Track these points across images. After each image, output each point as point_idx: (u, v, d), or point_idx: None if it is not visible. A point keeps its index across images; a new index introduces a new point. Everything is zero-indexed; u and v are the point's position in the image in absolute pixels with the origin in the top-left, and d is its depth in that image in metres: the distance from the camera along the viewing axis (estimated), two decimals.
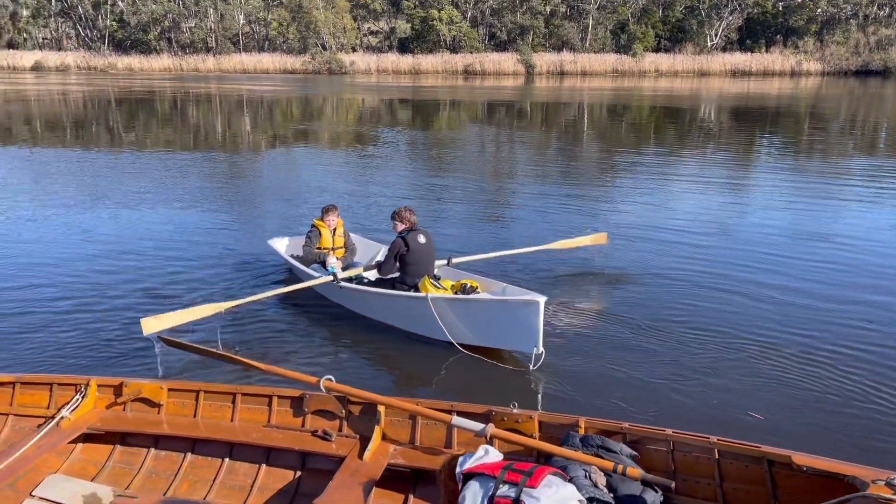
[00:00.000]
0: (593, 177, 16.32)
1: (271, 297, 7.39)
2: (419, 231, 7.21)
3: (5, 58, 76.36)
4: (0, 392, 4.75)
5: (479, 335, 6.38)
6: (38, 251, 9.85)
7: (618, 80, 64.08)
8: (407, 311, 6.82)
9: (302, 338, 6.99)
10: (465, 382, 6.05)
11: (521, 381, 6.01)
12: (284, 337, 6.96)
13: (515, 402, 4.15)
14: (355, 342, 6.90)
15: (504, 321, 6.15)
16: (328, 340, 6.97)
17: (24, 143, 21.67)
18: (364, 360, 6.59)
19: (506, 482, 3.04)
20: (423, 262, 7.11)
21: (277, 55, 75.70)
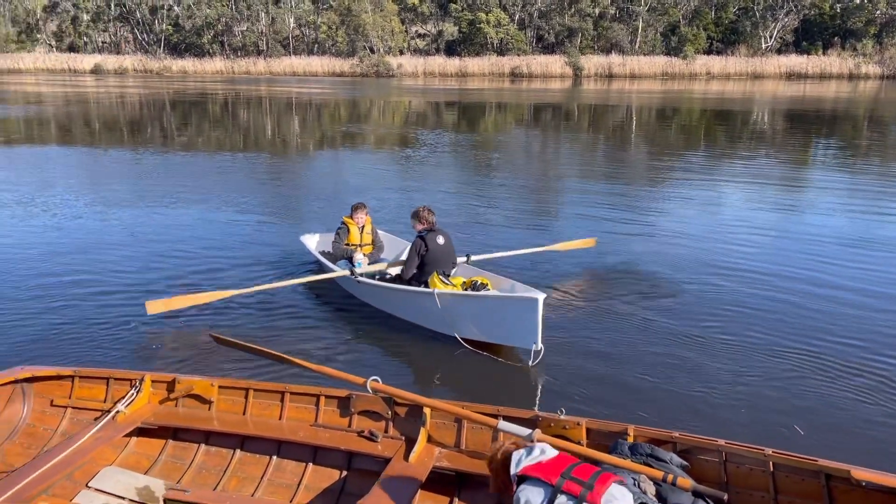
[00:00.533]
0: (639, 180, 16.08)
1: (284, 287, 7.66)
2: (438, 231, 7.39)
3: (66, 61, 79.10)
4: (60, 385, 4.90)
5: (480, 330, 6.57)
6: (93, 247, 10.14)
7: (667, 82, 63.08)
8: (416, 306, 7.05)
9: (311, 329, 7.18)
10: (467, 377, 6.21)
11: (521, 377, 6.13)
12: (300, 331, 7.12)
13: (563, 408, 4.11)
14: (364, 335, 7.08)
15: (504, 317, 6.31)
16: (338, 333, 7.13)
17: (83, 143, 22.39)
18: (371, 353, 6.72)
19: (563, 492, 2.92)
20: (441, 261, 7.29)
21: (326, 58, 76.70)
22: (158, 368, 5.97)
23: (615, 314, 7.50)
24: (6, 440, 4.65)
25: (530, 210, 12.97)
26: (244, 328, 7.13)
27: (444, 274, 7.14)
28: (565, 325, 7.22)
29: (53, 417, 4.83)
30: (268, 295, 7.86)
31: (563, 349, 6.60)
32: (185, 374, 4.94)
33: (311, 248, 8.97)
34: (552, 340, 6.63)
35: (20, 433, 4.75)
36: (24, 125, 27.76)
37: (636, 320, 7.33)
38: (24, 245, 10.27)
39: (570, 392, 5.74)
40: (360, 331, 7.18)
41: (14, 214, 12.24)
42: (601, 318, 7.42)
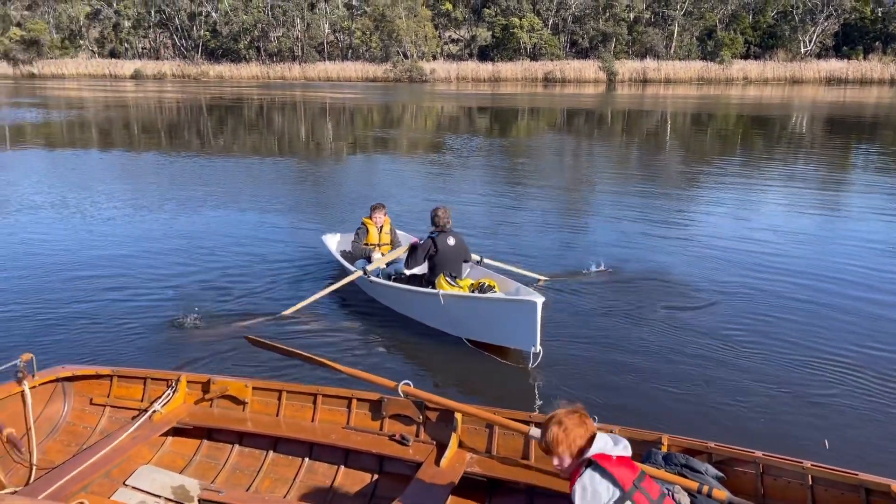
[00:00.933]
0: (672, 186, 15.89)
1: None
2: (449, 233, 7.51)
3: (108, 66, 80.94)
4: (99, 384, 5.00)
5: (482, 332, 6.71)
6: (131, 249, 10.34)
7: (703, 87, 62.31)
8: (423, 307, 7.25)
9: (327, 330, 7.35)
10: (468, 377, 6.36)
11: (520, 379, 6.23)
12: (320, 333, 7.24)
13: (595, 416, 4.06)
14: (371, 333, 7.31)
15: (504, 320, 6.43)
16: (345, 332, 7.32)
17: (122, 147, 22.87)
18: (378, 351, 6.92)
19: (633, 502, 2.75)
20: (451, 262, 7.42)
21: (360, 63, 77.31)
22: (194, 369, 6.05)
23: (641, 319, 7.42)
24: (47, 437, 4.75)
25: (559, 216, 12.90)
26: (271, 331, 7.21)
27: (450, 276, 7.26)
28: (586, 328, 7.17)
29: (93, 416, 4.93)
30: (292, 299, 7.95)
31: (585, 352, 6.62)
32: (220, 374, 5.00)
33: (331, 247, 9.17)
34: (573, 343, 6.65)
35: (61, 431, 4.85)
36: (66, 129, 28.45)
37: (662, 326, 7.24)
38: (65, 246, 10.52)
39: (586, 398, 5.69)
40: (368, 329, 7.41)
41: (55, 216, 12.55)
42: (626, 322, 7.35)
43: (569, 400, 2.99)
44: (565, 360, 6.50)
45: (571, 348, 6.77)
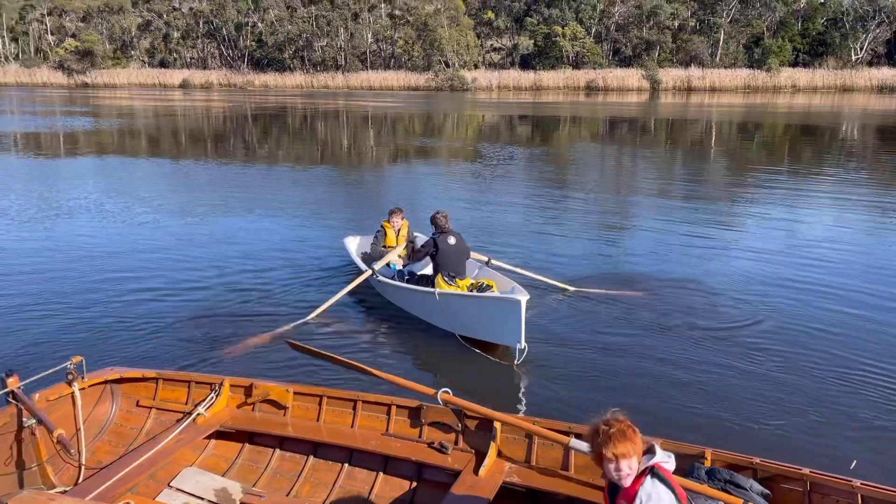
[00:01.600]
0: (715, 196, 15.60)
1: (338, 300, 8.16)
2: (449, 233, 7.91)
3: (157, 76, 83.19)
4: (145, 386, 5.11)
5: (473, 328, 7.03)
6: (177, 253, 10.57)
7: (750, 95, 61.21)
8: (423, 304, 7.66)
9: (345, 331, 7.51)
10: (456, 370, 6.67)
11: (506, 375, 6.49)
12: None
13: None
14: (370, 329, 7.73)
15: (491, 317, 6.73)
16: (360, 333, 7.57)
17: (169, 155, 23.42)
18: (375, 344, 7.27)
19: None
20: (452, 260, 7.80)
21: (402, 72, 77.98)
22: (236, 373, 6.14)
23: (671, 330, 7.30)
24: (95, 438, 4.87)
25: (598, 226, 12.77)
26: (302, 336, 7.29)
27: (449, 276, 7.66)
28: (609, 336, 7.07)
29: (139, 417, 5.04)
30: (320, 302, 8.11)
31: (599, 357, 6.66)
32: (262, 379, 5.06)
33: (350, 249, 9.55)
34: (585, 350, 6.74)
35: (108, 432, 4.97)
36: (117, 137, 29.28)
37: (695, 337, 7.10)
38: (112, 251, 10.79)
39: (553, 393, 5.83)
40: (373, 328, 7.75)
41: (103, 222, 12.89)
42: (655, 333, 7.24)
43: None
44: (576, 365, 6.62)
45: (585, 354, 6.85)
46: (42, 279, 9.27)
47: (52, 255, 10.50)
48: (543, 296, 8.51)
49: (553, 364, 6.62)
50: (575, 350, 6.94)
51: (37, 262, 10.09)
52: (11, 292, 8.71)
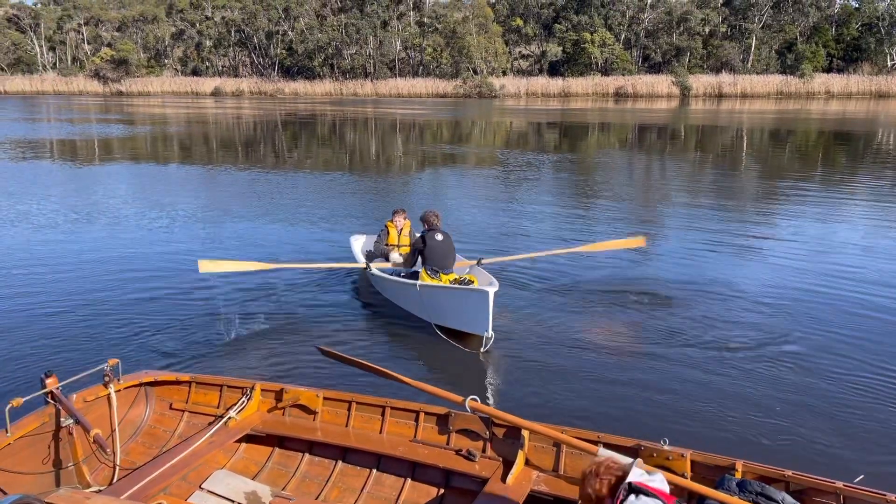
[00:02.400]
0: (745, 204, 15.41)
1: (311, 269, 9.40)
2: (437, 230, 8.39)
3: (190, 84, 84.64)
4: (178, 390, 5.20)
5: (446, 318, 7.53)
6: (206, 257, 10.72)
7: (782, 102, 60.39)
8: (405, 295, 8.23)
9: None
10: (429, 356, 7.16)
11: (474, 362, 6.92)
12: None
13: (667, 438, 3.98)
14: (353, 320, 8.15)
15: (462, 307, 7.22)
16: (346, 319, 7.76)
17: (200, 162, 23.79)
18: (356, 334, 7.70)
19: None
20: (439, 256, 8.25)
21: (430, 80, 78.33)
22: (267, 378, 6.21)
23: (692, 336, 7.22)
24: (130, 439, 4.97)
25: (622, 231, 12.69)
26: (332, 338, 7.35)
27: (432, 270, 8.14)
28: (622, 340, 7.02)
29: (172, 420, 5.13)
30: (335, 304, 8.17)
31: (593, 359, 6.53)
32: (292, 383, 5.12)
33: (355, 246, 10.12)
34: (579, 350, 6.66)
35: (142, 433, 5.06)
36: (150, 144, 29.82)
37: (709, 345, 7.02)
38: (146, 255, 10.99)
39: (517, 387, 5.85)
40: (356, 320, 8.14)
41: (136, 227, 13.12)
42: (673, 336, 7.16)
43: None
44: (550, 361, 6.84)
45: (566, 352, 7.04)
46: (80, 283, 9.47)
47: (92, 259, 10.72)
48: (535, 293, 8.91)
49: (521, 357, 6.93)
50: (557, 347, 7.19)
51: (76, 266, 10.32)
52: (53, 296, 8.92)
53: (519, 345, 7.25)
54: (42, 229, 12.92)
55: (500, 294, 7.37)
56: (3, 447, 4.26)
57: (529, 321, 7.92)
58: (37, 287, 9.31)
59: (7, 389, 6.05)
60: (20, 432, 4.38)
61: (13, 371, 6.60)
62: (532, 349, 7.13)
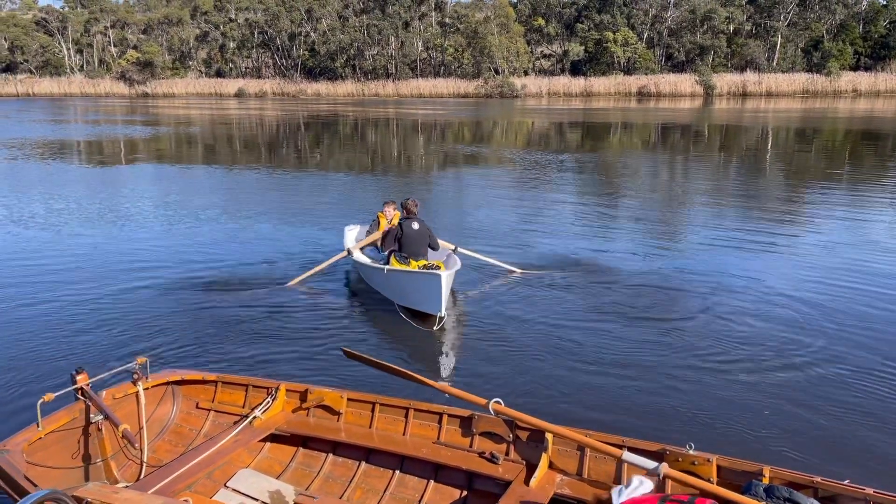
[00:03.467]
0: (768, 204, 15.23)
1: (316, 274, 9.67)
2: (414, 219, 8.98)
3: (213, 86, 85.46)
4: (204, 389, 5.26)
5: (407, 299, 8.30)
6: (231, 258, 10.84)
7: (808, 100, 59.57)
8: (377, 279, 9.01)
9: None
10: (388, 333, 7.83)
11: (427, 340, 7.54)
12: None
13: (692, 442, 3.95)
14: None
15: (418, 289, 7.96)
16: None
17: (224, 163, 24.01)
18: (324, 316, 8.13)
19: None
20: (414, 243, 8.94)
21: (451, 80, 78.36)
22: (292, 378, 6.25)
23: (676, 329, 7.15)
24: (157, 437, 5.04)
25: (645, 233, 12.59)
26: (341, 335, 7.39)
27: (402, 256, 8.84)
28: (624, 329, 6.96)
29: (198, 419, 5.19)
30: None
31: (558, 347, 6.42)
32: (316, 384, 5.15)
33: (347, 236, 10.55)
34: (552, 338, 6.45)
35: (168, 431, 5.13)
36: (175, 145, 30.17)
37: (736, 343, 6.94)
38: (171, 255, 11.12)
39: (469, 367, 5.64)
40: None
41: (162, 226, 13.28)
42: (689, 335, 7.10)
43: None
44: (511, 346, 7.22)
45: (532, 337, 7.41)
46: (109, 281, 9.61)
47: (121, 259, 10.87)
48: (518, 281, 9.49)
49: (476, 337, 7.53)
50: (520, 332, 7.62)
51: (105, 265, 10.47)
52: (82, 294, 9.06)
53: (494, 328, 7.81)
54: (73, 229, 13.12)
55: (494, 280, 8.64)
56: (35, 441, 4.35)
57: (497, 306, 8.59)
58: (67, 285, 9.48)
59: (38, 385, 6.16)
60: (51, 427, 4.46)
61: (44, 367, 6.72)
62: (498, 332, 7.69)
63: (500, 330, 7.72)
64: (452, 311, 8.35)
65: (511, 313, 8.24)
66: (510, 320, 8.02)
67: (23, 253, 11.40)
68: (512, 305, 8.54)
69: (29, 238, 12.46)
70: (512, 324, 7.90)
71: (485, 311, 8.42)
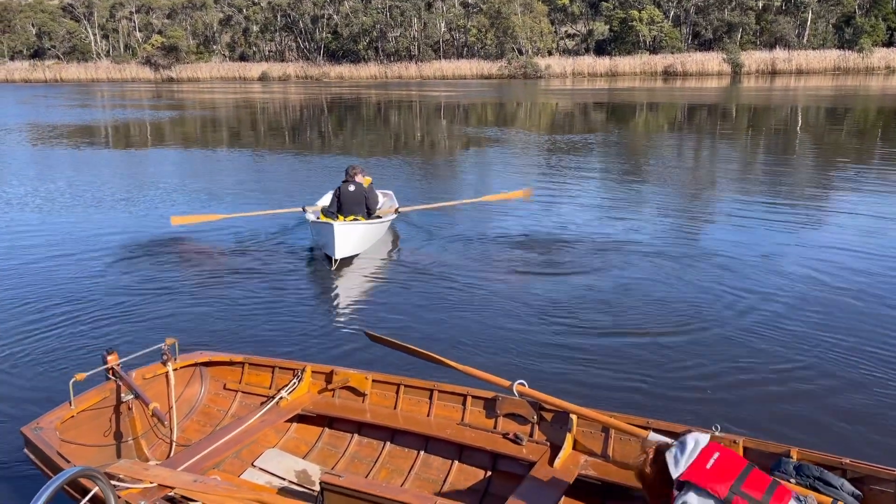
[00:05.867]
0: (799, 189, 14.97)
1: (259, 216, 11.72)
2: (352, 182, 10.35)
3: (237, 69, 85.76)
4: (232, 370, 5.34)
5: (322, 246, 9.95)
6: (254, 241, 10.93)
7: (839, 78, 58.29)
8: (313, 233, 10.52)
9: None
10: (303, 273, 9.42)
11: (327, 277, 9.18)
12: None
13: (718, 424, 3.92)
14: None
15: (324, 237, 9.67)
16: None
17: (248, 146, 24.17)
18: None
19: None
20: (349, 203, 10.29)
21: (475, 61, 77.82)
22: (317, 360, 6.31)
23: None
24: (185, 417, 5.13)
25: (669, 216, 12.46)
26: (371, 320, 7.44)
27: (332, 213, 10.22)
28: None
29: (225, 400, 5.27)
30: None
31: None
32: (342, 366, 5.20)
33: (318, 202, 11.70)
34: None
35: (197, 412, 5.22)
36: (200, 128, 30.41)
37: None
38: (201, 235, 11.25)
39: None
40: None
41: (193, 209, 13.41)
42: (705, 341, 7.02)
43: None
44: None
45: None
46: (136, 263, 9.76)
47: (148, 241, 11.01)
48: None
49: (371, 280, 9.10)
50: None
51: (133, 247, 10.61)
52: (112, 276, 9.22)
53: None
54: (103, 212, 13.32)
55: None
56: (67, 419, 4.45)
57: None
58: (97, 267, 9.66)
59: (70, 365, 6.29)
60: (83, 406, 4.56)
61: (76, 347, 6.86)
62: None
63: (396, 274, 9.23)
64: (376, 257, 10.06)
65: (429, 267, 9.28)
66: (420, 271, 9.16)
67: (57, 234, 11.60)
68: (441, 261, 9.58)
69: (59, 221, 12.67)
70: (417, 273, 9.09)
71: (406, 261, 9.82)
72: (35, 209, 13.76)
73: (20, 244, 11.02)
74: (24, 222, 12.68)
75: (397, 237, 11.22)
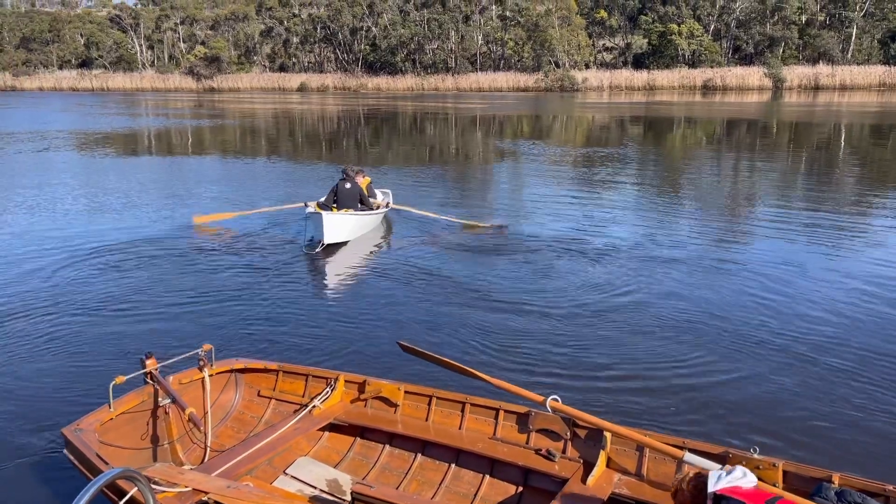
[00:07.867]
0: (840, 209, 14.63)
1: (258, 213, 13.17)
2: (348, 179, 11.69)
3: (277, 80, 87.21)
4: (266, 377, 5.39)
5: (315, 233, 11.31)
6: (288, 251, 11.06)
7: (885, 94, 56.98)
8: (311, 223, 11.61)
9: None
10: (296, 259, 10.45)
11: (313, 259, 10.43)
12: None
13: (756, 446, 3.84)
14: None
15: (316, 224, 11.12)
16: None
17: (286, 156, 24.49)
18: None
19: None
20: (343, 199, 11.66)
21: (511, 73, 77.89)
22: (350, 370, 6.33)
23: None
24: (220, 423, 5.19)
25: (702, 234, 12.27)
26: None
27: (326, 206, 11.45)
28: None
29: (259, 407, 5.31)
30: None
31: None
32: (374, 376, 5.21)
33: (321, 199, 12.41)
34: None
35: (231, 418, 5.27)
36: (239, 138, 30.92)
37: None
38: (240, 247, 11.41)
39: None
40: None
41: (236, 214, 13.63)
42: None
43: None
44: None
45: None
46: (175, 269, 9.94)
47: (187, 249, 11.21)
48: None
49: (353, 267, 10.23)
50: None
51: (172, 254, 10.81)
52: (151, 282, 9.39)
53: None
54: (145, 217, 13.59)
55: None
56: (106, 421, 4.54)
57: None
58: (134, 271, 9.87)
59: (110, 368, 6.41)
60: (121, 408, 4.65)
61: (116, 351, 6.99)
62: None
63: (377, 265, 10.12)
64: (358, 249, 11.15)
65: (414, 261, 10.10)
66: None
67: (103, 239, 11.85)
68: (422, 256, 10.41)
69: (102, 224, 12.96)
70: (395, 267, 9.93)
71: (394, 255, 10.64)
72: (78, 213, 14.10)
73: (61, 247, 11.29)
74: (61, 227, 12.99)
75: (434, 243, 11.41)
